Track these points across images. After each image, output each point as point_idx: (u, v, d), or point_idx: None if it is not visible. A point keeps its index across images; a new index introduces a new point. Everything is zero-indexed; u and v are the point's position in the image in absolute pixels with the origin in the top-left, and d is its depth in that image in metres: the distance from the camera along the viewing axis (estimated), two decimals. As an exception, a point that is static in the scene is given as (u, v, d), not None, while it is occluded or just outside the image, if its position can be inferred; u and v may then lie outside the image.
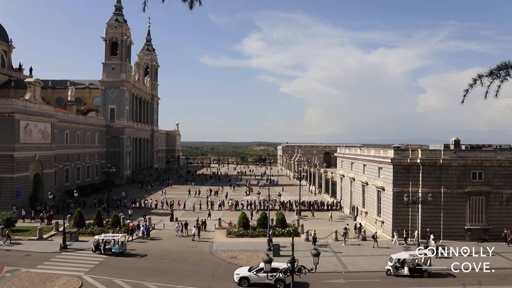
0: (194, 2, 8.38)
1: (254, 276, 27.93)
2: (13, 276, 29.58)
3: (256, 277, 27.87)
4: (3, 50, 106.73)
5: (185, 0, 8.35)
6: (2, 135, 53.85)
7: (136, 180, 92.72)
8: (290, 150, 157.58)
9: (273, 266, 26.18)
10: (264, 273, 26.57)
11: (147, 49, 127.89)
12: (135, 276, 29.66)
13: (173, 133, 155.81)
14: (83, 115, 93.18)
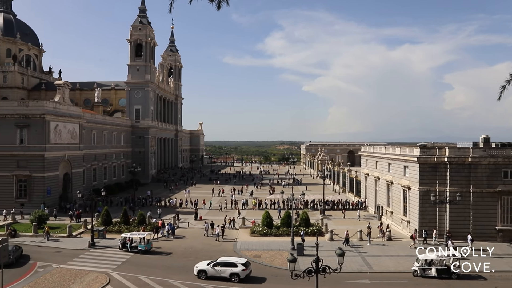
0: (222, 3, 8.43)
1: (211, 270, 29.15)
2: (46, 272, 30.65)
3: (213, 271, 29.11)
4: (35, 54, 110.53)
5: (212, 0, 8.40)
6: (33, 136, 55.76)
7: (161, 179, 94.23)
8: (314, 149, 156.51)
9: (230, 261, 29.39)
10: (221, 267, 28.82)
11: (170, 50, 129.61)
12: (161, 274, 30.16)
13: (196, 132, 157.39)
14: (109, 115, 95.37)
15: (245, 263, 29.28)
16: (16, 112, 56.12)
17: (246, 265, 29.10)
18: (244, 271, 28.57)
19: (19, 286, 27.51)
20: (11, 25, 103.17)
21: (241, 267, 28.63)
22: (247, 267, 28.99)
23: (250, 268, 29.39)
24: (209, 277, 29.06)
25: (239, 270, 28.54)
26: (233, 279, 28.49)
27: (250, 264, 30.10)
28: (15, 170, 55.57)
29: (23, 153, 55.52)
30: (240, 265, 28.79)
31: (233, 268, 28.65)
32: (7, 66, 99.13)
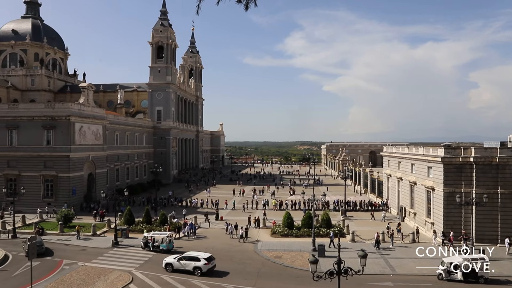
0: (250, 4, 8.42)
1: (177, 263, 30.80)
2: (71, 269, 31.42)
3: (178, 264, 30.77)
4: (60, 58, 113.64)
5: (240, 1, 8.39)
6: (59, 137, 57.29)
7: (182, 180, 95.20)
8: (335, 149, 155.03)
9: (194, 255, 30.93)
10: (185, 261, 30.43)
11: (191, 52, 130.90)
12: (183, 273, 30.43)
13: (217, 133, 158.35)
14: (131, 117, 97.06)
15: (208, 257, 30.60)
16: (43, 114, 57.82)
17: (209, 260, 30.45)
18: (206, 265, 30.00)
19: (47, 283, 28.28)
20: (39, 30, 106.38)
21: (204, 261, 30.07)
22: (209, 261, 30.34)
23: (213, 262, 30.76)
24: (174, 270, 30.60)
25: (201, 264, 30.03)
26: (196, 272, 29.94)
27: (214, 259, 31.33)
28: (42, 170, 57.23)
29: (49, 154, 57.11)
30: (203, 259, 30.24)
31: (196, 262, 30.21)
32: (35, 70, 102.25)
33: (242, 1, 8.41)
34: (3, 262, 33.40)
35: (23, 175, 57.64)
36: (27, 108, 60.93)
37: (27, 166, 57.69)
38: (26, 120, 58.06)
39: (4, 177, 58.03)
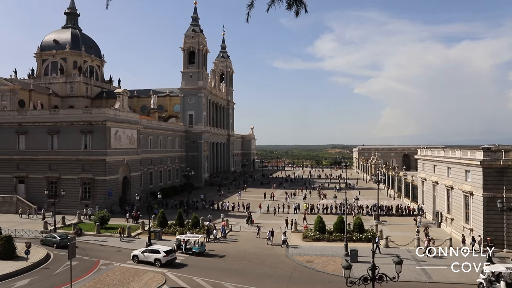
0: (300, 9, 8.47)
1: (141, 255, 34.19)
2: (107, 269, 32.41)
3: (142, 256, 34.10)
4: (97, 65, 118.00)
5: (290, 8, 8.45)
6: (96, 141, 59.37)
7: (214, 183, 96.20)
8: (367, 153, 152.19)
9: (155, 249, 34.24)
10: (148, 253, 33.88)
11: (222, 56, 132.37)
12: (214, 276, 30.71)
13: (248, 137, 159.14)
14: (164, 121, 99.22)
15: (167, 250, 33.68)
16: (81, 119, 60.13)
17: (168, 253, 33.46)
18: (165, 257, 33.09)
19: (85, 282, 29.31)
20: (77, 40, 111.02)
21: (163, 254, 33.20)
22: (168, 254, 33.33)
23: (173, 255, 33.88)
24: (140, 261, 33.94)
25: (160, 256, 33.17)
26: (156, 263, 33.07)
27: (175, 252, 34.84)
28: (80, 173, 59.46)
29: (87, 157, 59.27)
30: (163, 252, 33.38)
31: (157, 255, 33.39)
32: (73, 77, 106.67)
33: (292, 7, 8.44)
34: (45, 261, 34.96)
35: (63, 177, 60.11)
36: (67, 114, 63.54)
37: (66, 169, 60.14)
38: (66, 125, 60.58)
39: (46, 180, 60.72)
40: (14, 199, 60.16)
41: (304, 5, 8.42)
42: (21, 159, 62.46)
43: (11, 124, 63.38)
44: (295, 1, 8.47)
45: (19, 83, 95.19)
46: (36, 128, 62.02)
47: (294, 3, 8.46)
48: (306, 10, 8.51)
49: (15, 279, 30.36)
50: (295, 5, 8.46)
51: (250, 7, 8.67)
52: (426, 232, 41.36)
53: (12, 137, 63.13)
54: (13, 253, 35.07)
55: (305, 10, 8.51)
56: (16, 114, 65.40)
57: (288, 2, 8.45)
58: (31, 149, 62.10)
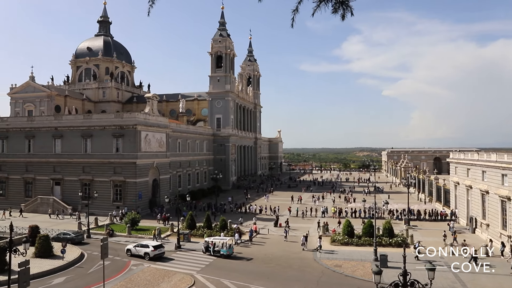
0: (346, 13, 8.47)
1: (133, 249, 37.60)
2: (138, 270, 33.21)
3: (134, 250, 37.48)
4: (128, 71, 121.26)
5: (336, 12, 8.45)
6: (127, 144, 60.98)
7: (241, 186, 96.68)
8: (396, 156, 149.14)
9: (145, 244, 37.75)
10: (139, 248, 37.14)
11: (249, 60, 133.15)
12: (242, 279, 30.87)
13: (275, 140, 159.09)
14: (192, 125, 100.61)
15: (155, 245, 37.12)
16: (113, 123, 61.94)
17: (156, 247, 36.78)
18: (153, 251, 36.38)
19: (117, 281, 30.14)
20: (109, 47, 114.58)
21: (151, 248, 36.48)
22: (156, 249, 36.67)
23: (161, 250, 37.14)
24: (132, 255, 37.21)
25: (149, 250, 36.45)
26: (146, 257, 36.39)
27: (163, 247, 37.92)
28: (112, 176, 61.21)
29: (118, 160, 60.95)
30: (151, 246, 36.73)
31: (146, 249, 36.69)
32: (105, 83, 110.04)
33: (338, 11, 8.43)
34: (79, 260, 36.21)
35: (95, 180, 62.06)
36: (99, 118, 65.64)
37: (99, 171, 62.06)
38: (98, 129, 62.56)
39: (80, 182, 62.87)
40: (51, 200, 62.64)
41: (350, 9, 8.38)
42: (57, 162, 64.99)
43: (48, 129, 66.10)
44: (342, 4, 8.41)
45: (56, 89, 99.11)
46: (71, 132, 64.40)
47: (340, 6, 8.41)
48: (352, 13, 8.48)
49: (52, 276, 31.66)
50: (341, 9, 8.42)
51: (295, 12, 8.69)
52: (454, 237, 40.12)
53: (49, 141, 65.82)
54: (50, 251, 36.62)
55: (351, 14, 8.49)
56: (53, 119, 68.21)
57: (334, 6, 8.40)
58: (66, 152, 64.52)
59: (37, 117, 74.47)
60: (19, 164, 67.98)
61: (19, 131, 68.56)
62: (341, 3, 8.41)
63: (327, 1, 8.36)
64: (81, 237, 43.83)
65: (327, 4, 8.35)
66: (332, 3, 8.41)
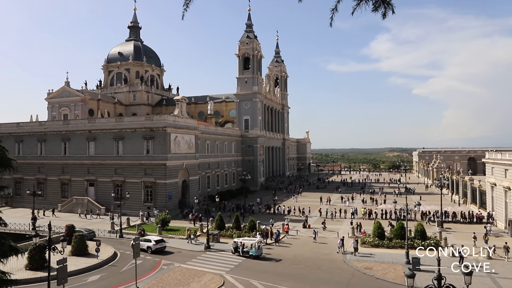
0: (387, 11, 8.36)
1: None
2: (169, 269, 33.86)
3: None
4: (157, 74, 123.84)
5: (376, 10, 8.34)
6: (157, 146, 62.28)
7: (269, 187, 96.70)
8: (428, 156, 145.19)
9: (148, 238, 40.69)
10: (142, 242, 38.73)
11: (276, 61, 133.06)
12: (271, 279, 30.90)
13: (303, 141, 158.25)
14: (220, 126, 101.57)
15: (157, 240, 40.08)
16: (144, 126, 63.42)
17: (157, 242, 39.69)
18: (154, 245, 39.28)
19: (149, 280, 30.86)
20: (139, 51, 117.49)
21: (153, 243, 39.44)
22: (157, 243, 39.57)
23: (162, 244, 39.94)
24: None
25: (151, 244, 39.35)
26: (148, 250, 39.11)
27: (164, 242, 40.59)
28: (143, 177, 62.67)
29: (149, 162, 62.34)
30: (153, 241, 39.72)
31: (148, 243, 39.45)
32: (136, 86, 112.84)
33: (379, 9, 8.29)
34: (113, 259, 37.33)
35: (127, 181, 63.72)
36: (130, 121, 67.36)
37: (130, 173, 63.70)
38: (130, 132, 64.24)
39: (113, 183, 64.74)
40: (85, 201, 64.83)
41: (392, 6, 8.23)
42: (91, 164, 67.20)
43: (83, 132, 68.49)
44: (383, 2, 8.27)
45: (89, 94, 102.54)
46: (104, 135, 66.43)
47: (381, 4, 8.26)
48: (393, 11, 8.32)
49: (87, 274, 32.82)
50: (383, 7, 8.27)
51: (334, 11, 8.59)
52: (486, 239, 38.69)
53: (83, 143, 68.18)
54: (85, 250, 37.96)
55: (393, 11, 8.33)
56: (87, 122, 70.61)
57: (375, 5, 8.27)
58: (100, 154, 66.61)
59: (72, 120, 77.28)
60: (56, 166, 70.78)
61: (55, 134, 71.41)
62: (382, 1, 8.23)
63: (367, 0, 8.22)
64: (93, 234, 45.91)
65: (367, 3, 8.22)
66: (373, 1, 8.26)
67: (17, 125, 77.04)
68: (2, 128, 77.34)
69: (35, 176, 72.39)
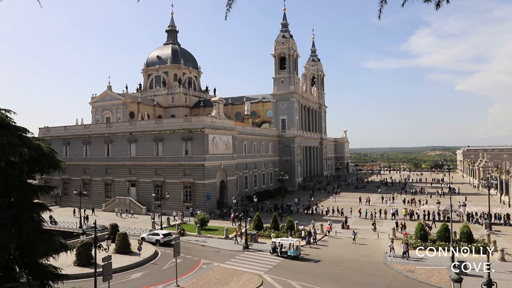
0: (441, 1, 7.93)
1: (147, 237, 44.11)
2: (208, 268, 34.37)
3: (147, 237, 44.06)
4: (194, 76, 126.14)
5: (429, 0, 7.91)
6: (195, 147, 63.41)
7: (307, 187, 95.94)
8: (473, 155, 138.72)
9: (156, 232, 44.79)
10: (151, 236, 43.87)
11: (312, 60, 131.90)
12: (310, 281, 30.61)
13: (341, 140, 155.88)
14: (257, 126, 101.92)
15: (165, 234, 44.20)
16: (182, 127, 64.77)
17: (165, 235, 43.70)
18: (162, 238, 43.19)
19: (189, 279, 31.47)
20: (177, 54, 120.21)
21: (161, 236, 43.61)
22: (165, 236, 43.54)
23: (169, 237, 42.87)
24: (146, 241, 42.96)
25: (159, 237, 43.45)
26: (156, 243, 42.85)
27: (171, 235, 43.16)
28: (182, 177, 64.02)
29: (187, 163, 63.59)
30: (161, 235, 43.87)
31: (157, 237, 43.62)
32: (174, 89, 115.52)
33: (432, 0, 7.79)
34: (154, 257, 38.44)
35: (167, 181, 65.33)
36: (169, 123, 69.02)
37: (170, 174, 65.26)
38: (169, 133, 65.83)
39: (153, 183, 66.61)
40: (127, 201, 67.12)
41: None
42: (133, 165, 69.48)
43: (124, 134, 70.96)
44: None
45: (129, 97, 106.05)
46: (144, 137, 68.49)
47: None
48: (448, 0, 7.84)
49: (130, 271, 33.97)
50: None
51: (383, 3, 8.23)
52: None
53: (125, 145, 70.65)
54: (128, 248, 39.31)
55: (447, 1, 7.85)
56: (128, 125, 73.07)
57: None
58: (140, 155, 68.75)
59: (114, 123, 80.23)
60: (100, 167, 73.80)
61: (99, 136, 74.46)
62: None
63: None
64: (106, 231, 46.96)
65: None
66: None
67: (65, 129, 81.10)
68: (51, 131, 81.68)
69: (81, 177, 75.83)
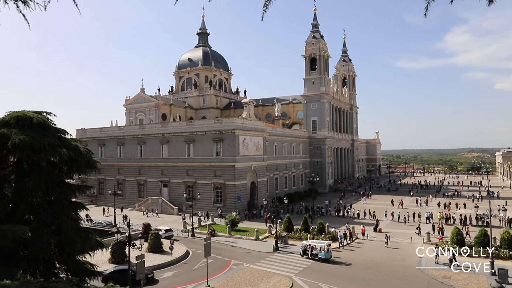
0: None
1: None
2: (238, 269, 34.56)
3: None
4: (225, 78, 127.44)
5: None
6: (226, 148, 63.97)
7: (338, 189, 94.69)
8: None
9: (158, 228, 47.09)
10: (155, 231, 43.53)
11: (343, 60, 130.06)
12: (341, 284, 30.20)
13: (373, 141, 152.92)
14: (288, 128, 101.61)
15: (166, 229, 47.68)
16: (213, 128, 65.53)
17: (166, 231, 47.23)
18: (164, 233, 45.98)
19: (219, 279, 31.75)
20: (208, 56, 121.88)
21: (163, 231, 46.43)
22: (166, 232, 47.03)
23: (170, 232, 47.32)
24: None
25: (161, 233, 45.21)
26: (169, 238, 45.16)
27: (172, 231, 48.05)
28: (213, 178, 64.73)
29: (218, 164, 64.23)
30: (163, 230, 46.95)
31: (159, 232, 44.65)
32: (205, 90, 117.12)
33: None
34: (185, 257, 39.05)
35: (198, 182, 66.26)
36: (200, 124, 69.98)
37: (201, 174, 66.14)
38: (200, 135, 66.75)
39: (184, 184, 67.74)
40: (160, 201, 68.58)
41: None
42: (165, 166, 70.92)
43: (157, 135, 72.57)
44: None
45: (162, 99, 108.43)
46: (176, 138, 69.77)
47: None
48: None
49: (162, 270, 34.65)
50: None
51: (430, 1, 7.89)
52: None
53: (157, 146, 72.24)
54: (160, 247, 40.16)
55: None
56: (160, 126, 74.70)
57: None
58: (172, 156, 70.07)
59: (147, 125, 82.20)
60: (133, 168, 75.79)
61: (132, 138, 76.51)
62: None
63: None
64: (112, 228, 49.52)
65: None
66: None
67: (100, 130, 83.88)
68: (87, 133, 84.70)
69: (115, 177, 78.14)
